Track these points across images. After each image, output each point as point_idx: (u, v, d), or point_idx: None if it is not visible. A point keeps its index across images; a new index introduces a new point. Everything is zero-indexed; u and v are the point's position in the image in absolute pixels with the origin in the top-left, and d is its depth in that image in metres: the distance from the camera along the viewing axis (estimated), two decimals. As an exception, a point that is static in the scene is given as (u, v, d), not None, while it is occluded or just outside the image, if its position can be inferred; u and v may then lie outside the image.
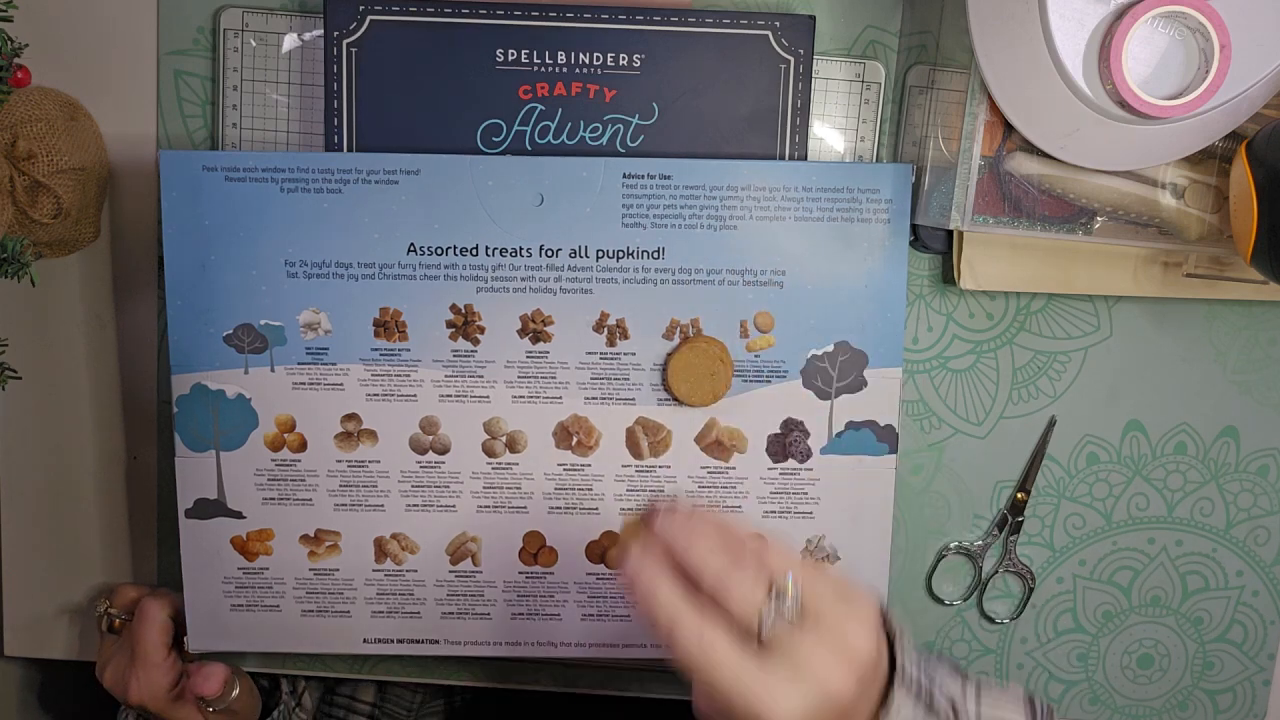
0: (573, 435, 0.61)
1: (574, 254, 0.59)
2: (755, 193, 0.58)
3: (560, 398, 0.60)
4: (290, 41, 0.61)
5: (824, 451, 0.61)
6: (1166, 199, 0.56)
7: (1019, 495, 0.65)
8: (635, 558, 0.45)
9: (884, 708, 0.44)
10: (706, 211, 0.58)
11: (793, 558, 0.45)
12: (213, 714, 0.62)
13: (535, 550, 0.62)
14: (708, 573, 0.44)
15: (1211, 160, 0.55)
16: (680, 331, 0.60)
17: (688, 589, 0.44)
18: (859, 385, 0.60)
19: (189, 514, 0.61)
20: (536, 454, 0.61)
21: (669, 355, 0.59)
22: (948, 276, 0.63)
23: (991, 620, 0.67)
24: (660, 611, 0.44)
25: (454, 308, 0.59)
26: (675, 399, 0.60)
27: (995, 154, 0.55)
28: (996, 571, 0.66)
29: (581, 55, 0.58)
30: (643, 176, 0.58)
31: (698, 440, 0.61)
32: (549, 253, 0.59)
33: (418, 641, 0.63)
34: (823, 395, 0.60)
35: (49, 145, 0.57)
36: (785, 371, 0.60)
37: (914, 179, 0.59)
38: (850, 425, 0.61)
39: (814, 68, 0.59)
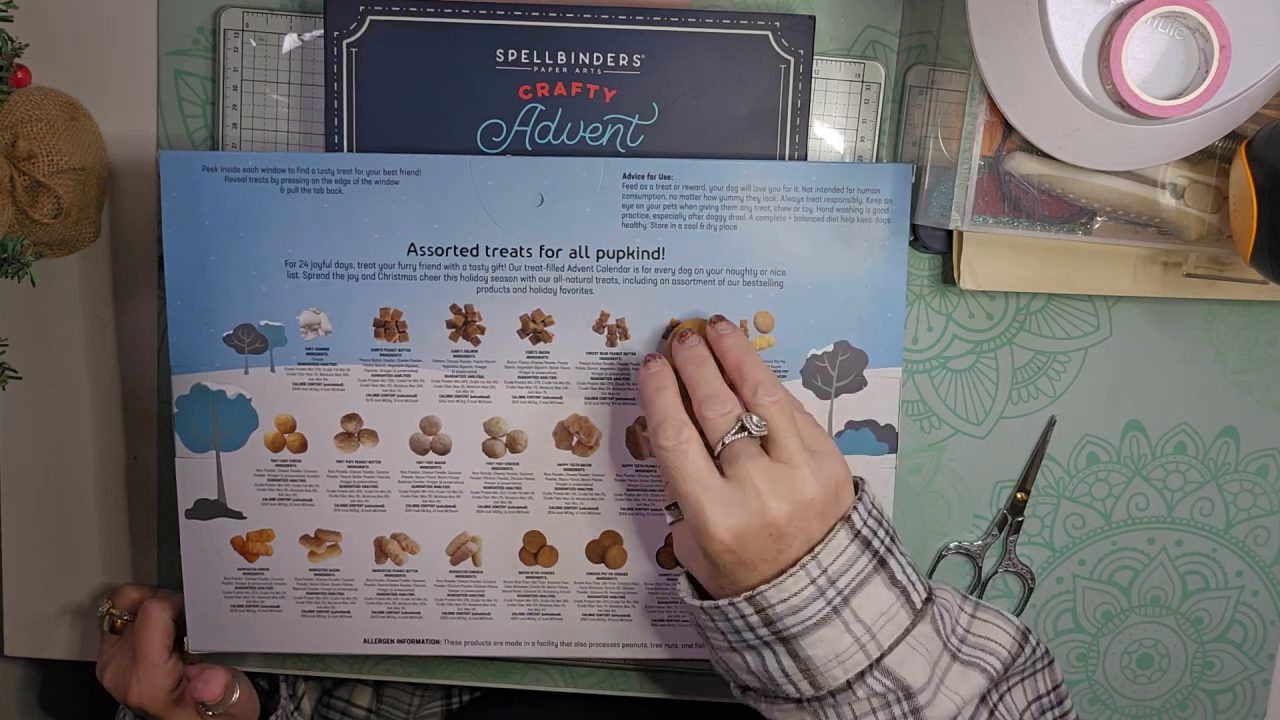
0: (573, 435, 0.61)
1: (574, 254, 0.59)
2: (755, 193, 0.58)
3: (560, 398, 0.60)
4: (290, 42, 0.61)
5: (824, 451, 0.61)
6: (1166, 199, 0.56)
7: (1019, 495, 0.65)
8: (658, 360, 0.55)
9: (821, 542, 0.50)
10: (706, 211, 0.59)
11: (782, 397, 0.52)
12: (212, 718, 0.62)
13: (535, 550, 0.62)
14: (699, 390, 0.53)
15: (1211, 160, 0.55)
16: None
17: (691, 407, 0.53)
18: (859, 385, 0.60)
19: (189, 514, 0.61)
20: (537, 454, 0.61)
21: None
22: (948, 276, 0.63)
23: (991, 620, 0.67)
24: (656, 407, 0.53)
25: (454, 308, 0.59)
26: None
27: (995, 154, 0.55)
28: (996, 571, 0.66)
29: (581, 55, 0.58)
30: (643, 176, 0.58)
31: (698, 440, 0.61)
32: (549, 253, 0.59)
33: (418, 641, 0.63)
34: (822, 395, 0.60)
35: (49, 145, 0.57)
36: (785, 371, 0.60)
37: (914, 179, 0.59)
38: (850, 425, 0.61)
39: (814, 68, 0.59)
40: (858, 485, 0.54)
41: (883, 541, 0.52)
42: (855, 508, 0.52)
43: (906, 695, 0.51)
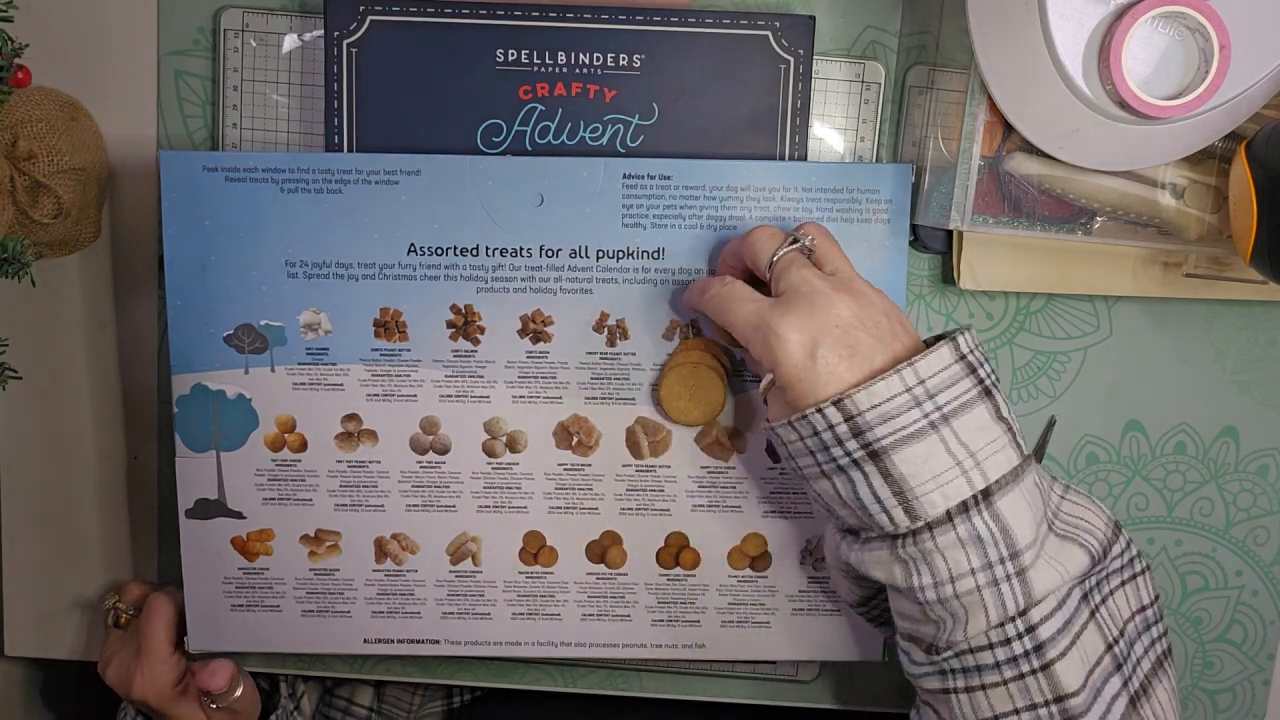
0: (573, 435, 0.61)
1: (574, 254, 0.59)
2: (755, 193, 0.58)
3: (560, 398, 0.60)
4: (290, 42, 0.61)
5: (824, 451, 0.61)
6: (1166, 199, 0.56)
7: (1019, 495, 0.65)
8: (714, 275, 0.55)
9: (919, 353, 0.47)
10: (706, 211, 0.59)
11: (827, 231, 0.53)
12: (215, 711, 0.62)
13: (535, 550, 0.62)
14: (747, 238, 0.53)
15: (1211, 160, 0.55)
16: (680, 332, 0.60)
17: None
18: (859, 385, 0.60)
19: (189, 514, 0.61)
20: (537, 454, 0.61)
21: (662, 371, 0.59)
22: (947, 276, 0.63)
23: (991, 620, 0.67)
24: (703, 283, 0.54)
25: (454, 308, 0.59)
26: (670, 419, 0.60)
27: (995, 154, 0.55)
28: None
29: (581, 55, 0.58)
30: (643, 177, 0.58)
31: (698, 440, 0.61)
32: (549, 253, 0.59)
33: (418, 641, 0.63)
34: (823, 395, 0.60)
35: (49, 145, 0.57)
36: (785, 371, 0.60)
37: (914, 179, 0.59)
38: (850, 425, 0.61)
39: (814, 68, 0.59)
40: (963, 328, 0.50)
41: (989, 375, 0.48)
42: (963, 333, 0.48)
43: (1011, 551, 0.46)
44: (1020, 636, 0.47)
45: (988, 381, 0.48)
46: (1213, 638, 0.69)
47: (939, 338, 0.49)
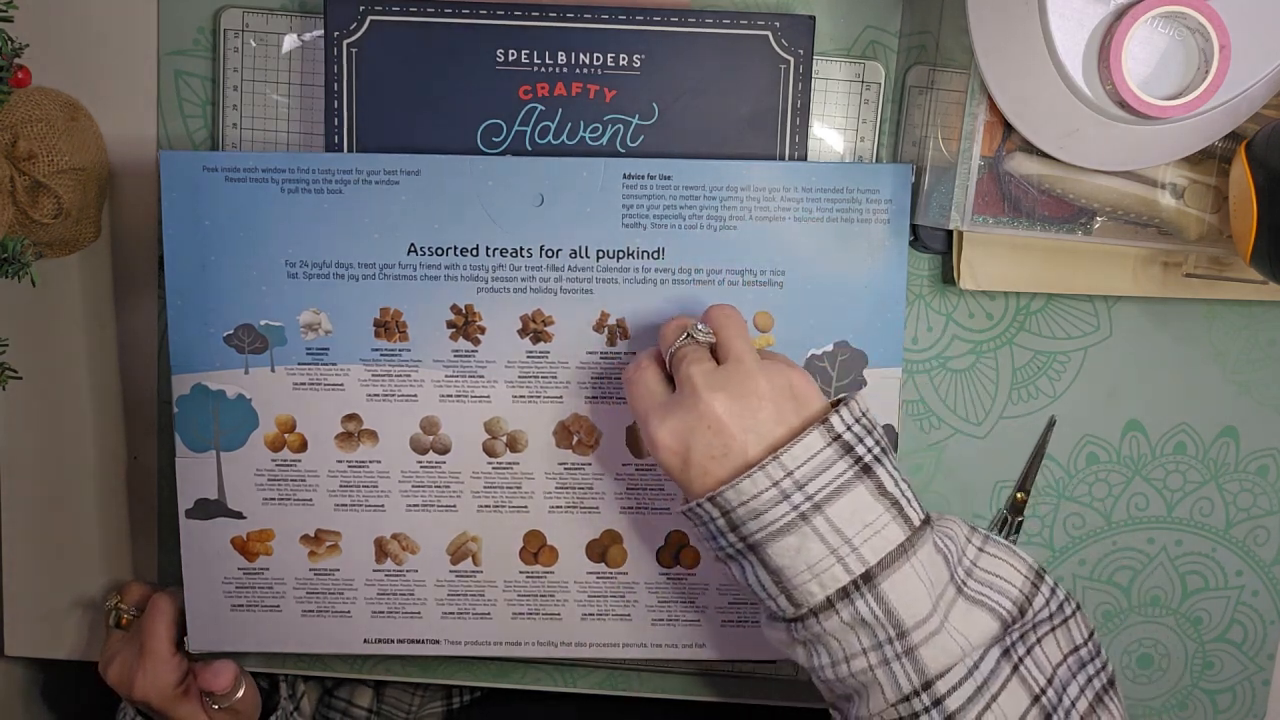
0: (573, 435, 0.61)
1: (574, 254, 0.59)
2: (755, 193, 0.58)
3: (561, 398, 0.60)
4: (290, 42, 0.61)
5: (824, 451, 0.61)
6: (1166, 199, 0.56)
7: (1019, 495, 0.65)
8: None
9: (792, 440, 0.47)
10: (706, 212, 0.59)
11: (735, 313, 0.52)
12: (217, 712, 0.62)
13: (535, 550, 0.62)
14: (660, 329, 0.53)
15: (1211, 160, 0.55)
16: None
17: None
18: (858, 385, 0.60)
19: (189, 514, 0.61)
20: (537, 454, 0.61)
21: None
22: (947, 276, 0.63)
23: (991, 620, 0.67)
24: (631, 370, 0.53)
25: (454, 308, 0.59)
26: None
27: (995, 154, 0.55)
28: (996, 571, 0.66)
29: (581, 55, 0.58)
30: (643, 177, 0.58)
31: (698, 440, 0.61)
32: (549, 253, 0.59)
33: (418, 641, 0.63)
34: (823, 395, 0.60)
35: (49, 145, 0.57)
36: (785, 371, 0.60)
37: (914, 179, 0.59)
38: (850, 425, 0.61)
39: (814, 68, 0.59)
40: (844, 400, 0.49)
41: (870, 450, 0.48)
42: (838, 411, 0.48)
43: (899, 631, 0.46)
44: (927, 710, 0.46)
45: (868, 458, 0.47)
46: (1213, 638, 0.69)
47: (835, 403, 0.49)
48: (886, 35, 0.61)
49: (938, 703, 0.46)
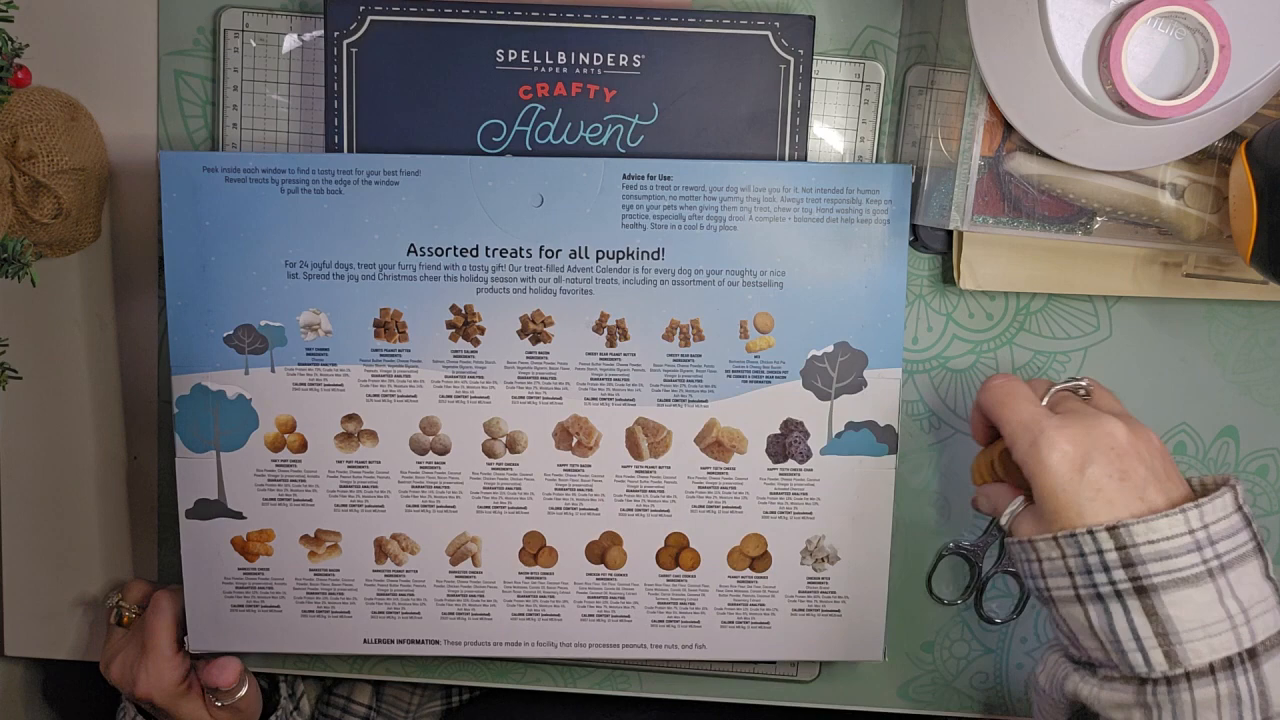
0: (573, 436, 0.61)
1: (574, 254, 0.59)
2: (755, 193, 0.58)
3: (560, 398, 0.60)
4: (290, 42, 0.61)
5: (824, 452, 0.61)
6: (1166, 199, 0.56)
7: (1019, 495, 0.65)
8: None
9: (1205, 498, 0.45)
10: (706, 212, 0.59)
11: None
12: (219, 710, 0.62)
13: (535, 550, 0.62)
14: (1030, 383, 0.53)
15: (1211, 160, 0.55)
16: (680, 332, 0.60)
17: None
18: (859, 386, 0.60)
19: (189, 514, 0.61)
20: (536, 454, 0.61)
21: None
22: (948, 276, 0.63)
23: (990, 620, 0.67)
24: (990, 377, 0.52)
25: (454, 308, 0.59)
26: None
27: (995, 154, 0.55)
28: (994, 571, 0.66)
29: (581, 55, 0.58)
30: (643, 177, 0.58)
31: (698, 441, 0.61)
32: (549, 253, 0.59)
33: (418, 642, 0.63)
34: (822, 396, 0.60)
35: (49, 145, 0.57)
36: (785, 372, 0.60)
37: (914, 179, 0.59)
38: (850, 426, 0.61)
39: (814, 68, 0.59)
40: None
41: (1257, 532, 0.47)
42: (1238, 483, 0.47)
43: (1266, 714, 0.44)
44: None
45: (1259, 538, 0.47)
46: (1213, 638, 0.68)
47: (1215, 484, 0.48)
48: (886, 35, 0.61)
49: None
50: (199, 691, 0.62)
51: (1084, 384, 0.52)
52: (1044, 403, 0.51)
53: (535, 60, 0.58)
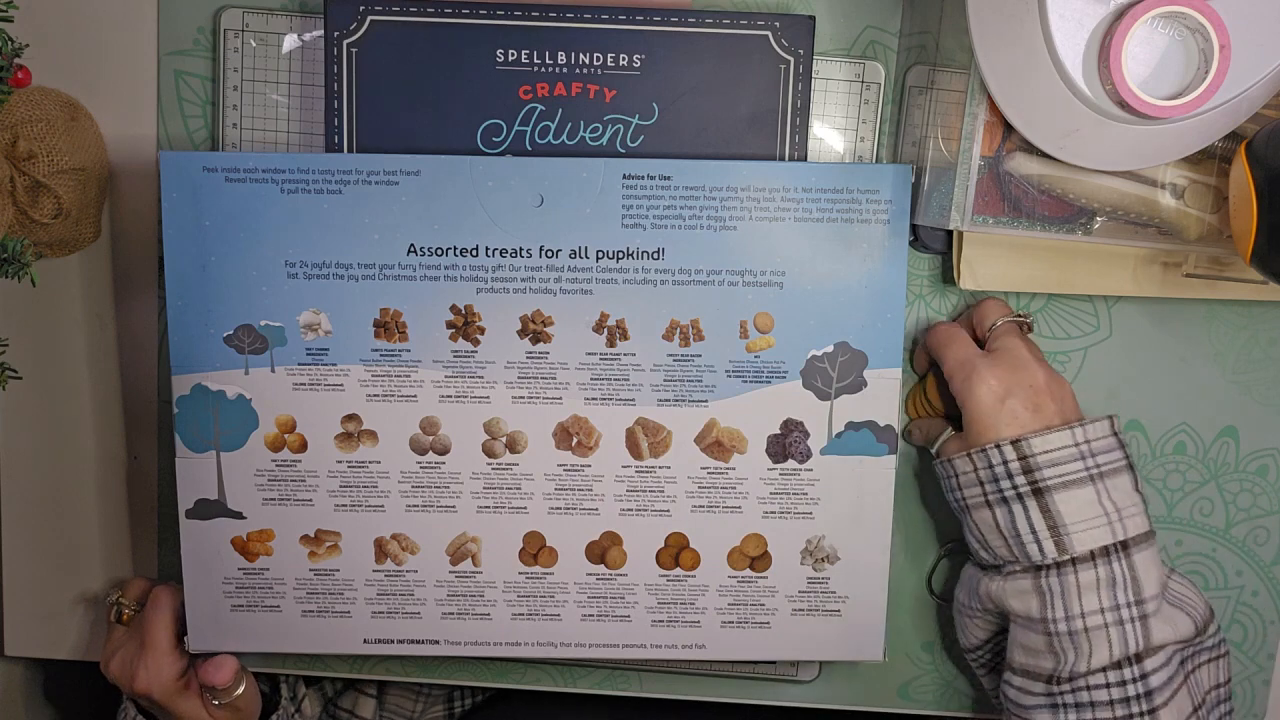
0: (573, 436, 0.61)
1: (574, 255, 0.59)
2: (755, 193, 0.58)
3: (560, 398, 0.60)
4: (290, 42, 0.61)
5: (824, 452, 0.61)
6: (1166, 199, 0.56)
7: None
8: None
9: (1082, 421, 0.55)
10: (706, 212, 0.59)
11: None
12: (217, 708, 0.62)
13: (535, 550, 0.62)
14: (979, 304, 0.61)
15: (1211, 160, 0.55)
16: (680, 332, 0.60)
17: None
18: (859, 386, 0.60)
19: (189, 514, 0.61)
20: (536, 454, 0.61)
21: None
22: (948, 276, 0.63)
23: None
24: (937, 324, 0.61)
25: (454, 308, 0.59)
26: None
27: (995, 154, 0.55)
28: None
29: (581, 55, 0.58)
30: (643, 177, 0.58)
31: (697, 441, 0.61)
32: (549, 253, 0.59)
33: (418, 642, 0.63)
34: (822, 396, 0.60)
35: (49, 145, 0.57)
36: (785, 372, 0.60)
37: (914, 179, 0.59)
38: (850, 426, 0.61)
39: (814, 68, 0.59)
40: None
41: (1129, 454, 0.56)
42: (1115, 416, 0.56)
43: (1138, 598, 0.53)
44: (1135, 680, 0.53)
45: (1130, 458, 0.56)
46: (1213, 638, 0.69)
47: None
48: (886, 35, 0.61)
49: (1144, 676, 0.54)
50: (197, 690, 0.62)
51: (1028, 320, 0.61)
52: (996, 325, 0.59)
53: (535, 60, 0.58)
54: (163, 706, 0.63)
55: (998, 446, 0.54)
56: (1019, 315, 0.60)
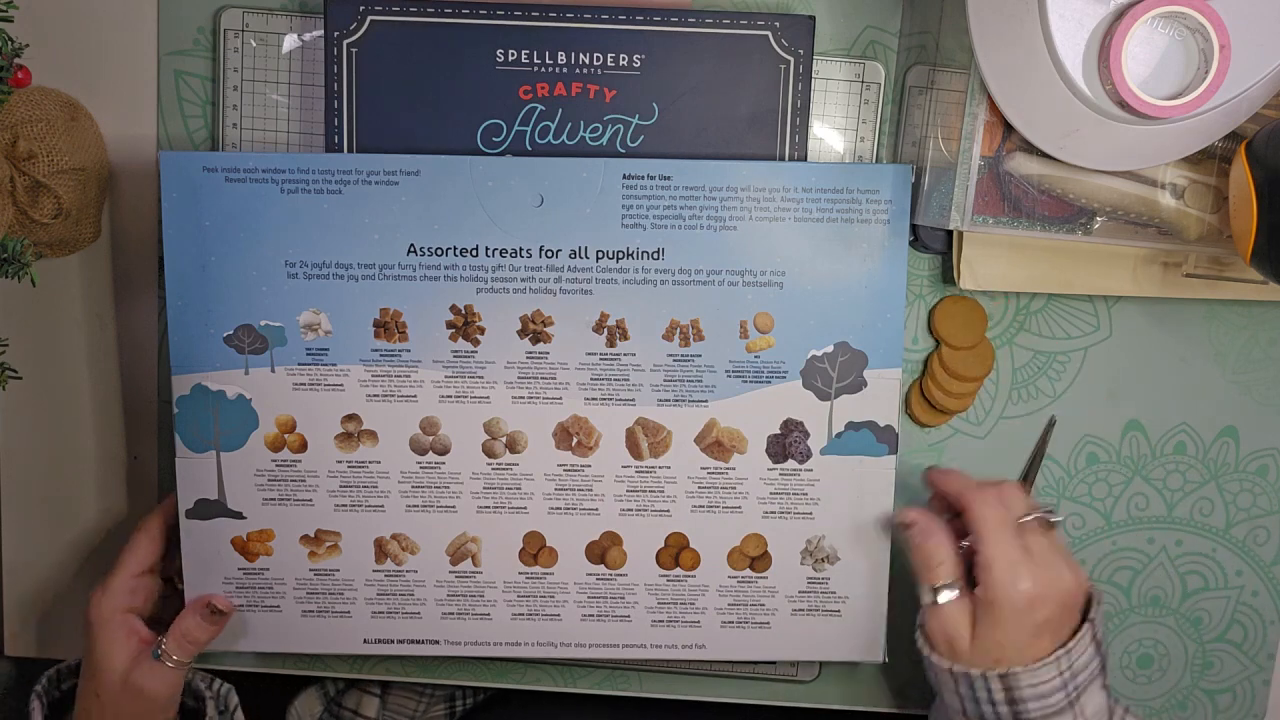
0: (573, 436, 0.61)
1: (574, 255, 0.59)
2: (755, 193, 0.58)
3: (560, 398, 0.60)
4: (290, 42, 0.61)
5: (824, 452, 0.61)
6: (1166, 199, 0.56)
7: (1019, 495, 0.66)
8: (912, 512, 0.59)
9: (1074, 638, 0.55)
10: (706, 212, 0.59)
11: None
12: (150, 668, 0.59)
13: (535, 550, 0.62)
14: (1002, 487, 0.57)
15: (1211, 160, 0.55)
16: (680, 332, 0.60)
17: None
18: (859, 386, 0.60)
19: (189, 514, 0.61)
20: (536, 454, 0.61)
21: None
22: (947, 276, 0.63)
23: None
24: (979, 483, 0.58)
25: (454, 308, 0.59)
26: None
27: (995, 154, 0.55)
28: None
29: (581, 55, 0.58)
30: (642, 177, 0.58)
31: (697, 441, 0.61)
32: (549, 253, 0.59)
33: (418, 642, 0.63)
34: (822, 396, 0.60)
35: (49, 145, 0.57)
36: (785, 372, 0.60)
37: (914, 179, 0.59)
38: (850, 426, 0.61)
39: (814, 68, 0.59)
40: (1092, 590, 0.57)
41: (1104, 645, 0.56)
42: (1098, 607, 0.56)
43: None
44: None
45: (1104, 653, 0.56)
46: (1213, 638, 0.69)
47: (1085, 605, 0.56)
48: (886, 35, 0.61)
49: None
50: (137, 650, 0.59)
51: (1060, 518, 0.60)
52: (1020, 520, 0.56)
53: (535, 60, 0.58)
54: (91, 636, 0.59)
55: (984, 677, 0.54)
56: (1048, 509, 0.57)
